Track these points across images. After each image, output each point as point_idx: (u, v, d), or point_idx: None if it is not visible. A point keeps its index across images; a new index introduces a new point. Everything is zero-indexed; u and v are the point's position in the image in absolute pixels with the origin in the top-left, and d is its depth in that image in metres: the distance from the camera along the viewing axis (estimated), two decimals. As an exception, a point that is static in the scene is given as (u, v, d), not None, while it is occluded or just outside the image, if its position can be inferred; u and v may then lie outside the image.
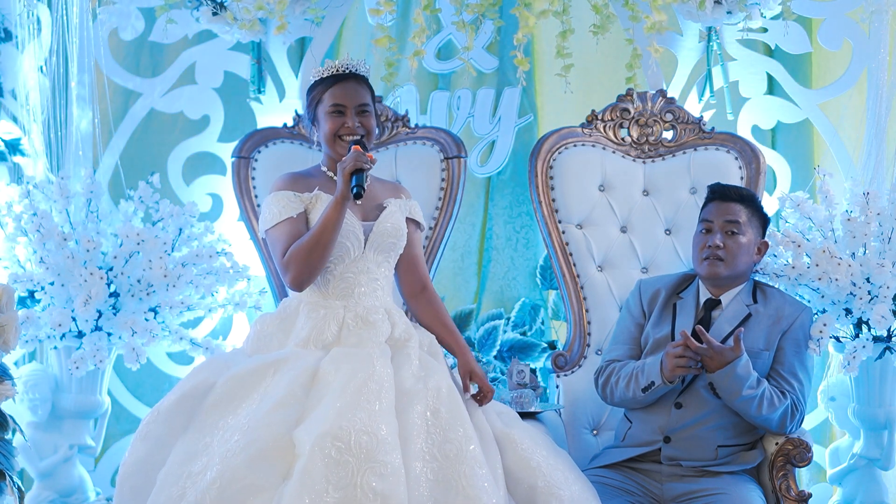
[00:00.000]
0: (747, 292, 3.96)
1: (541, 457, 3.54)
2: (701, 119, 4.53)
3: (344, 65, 3.72)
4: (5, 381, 3.81)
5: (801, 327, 3.93)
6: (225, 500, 3.22)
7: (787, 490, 3.87)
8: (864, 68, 4.75)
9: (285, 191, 3.69)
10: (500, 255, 5.11)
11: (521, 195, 5.04)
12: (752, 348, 3.85)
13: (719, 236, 3.91)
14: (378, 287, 3.70)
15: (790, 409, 3.82)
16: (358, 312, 3.62)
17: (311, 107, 3.74)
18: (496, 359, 4.94)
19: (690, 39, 4.78)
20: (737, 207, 3.94)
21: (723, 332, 3.87)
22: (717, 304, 3.96)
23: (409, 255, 3.80)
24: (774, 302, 3.96)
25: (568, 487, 3.50)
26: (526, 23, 4.30)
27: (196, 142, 4.89)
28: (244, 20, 4.58)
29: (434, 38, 4.94)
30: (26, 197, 4.50)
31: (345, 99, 3.68)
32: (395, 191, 3.85)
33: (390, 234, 3.70)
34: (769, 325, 3.90)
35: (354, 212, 3.67)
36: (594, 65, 5.00)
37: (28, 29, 4.69)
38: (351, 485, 3.19)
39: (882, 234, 4.38)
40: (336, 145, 3.70)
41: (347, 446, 3.22)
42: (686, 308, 3.97)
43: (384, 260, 3.72)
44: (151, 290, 4.44)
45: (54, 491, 4.58)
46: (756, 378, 3.79)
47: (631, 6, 4.49)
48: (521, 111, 4.98)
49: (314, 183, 3.73)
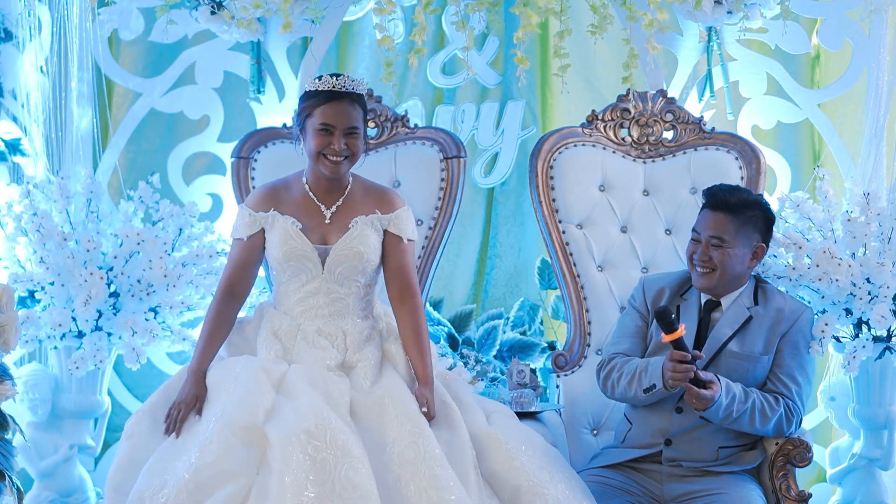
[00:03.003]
0: (748, 294, 3.92)
1: (526, 456, 3.54)
2: (701, 119, 4.53)
3: (340, 84, 3.66)
4: (5, 381, 3.81)
5: (799, 329, 3.89)
6: (201, 485, 3.29)
7: (787, 490, 3.86)
8: (864, 68, 4.75)
9: (247, 208, 3.75)
10: (500, 254, 5.13)
11: (523, 201, 5.08)
12: (751, 352, 3.83)
13: (705, 250, 3.84)
14: (342, 306, 3.71)
15: (784, 416, 3.80)
16: (308, 333, 3.67)
17: (300, 115, 3.71)
18: (496, 359, 4.95)
19: (690, 39, 4.78)
20: (723, 219, 3.82)
21: (723, 335, 3.85)
22: (718, 305, 3.91)
23: (393, 266, 3.76)
24: (775, 304, 3.91)
25: (554, 487, 3.50)
26: (528, 20, 4.30)
27: (196, 142, 4.89)
28: (242, 19, 4.58)
29: (440, 54, 5.05)
30: (26, 197, 4.50)
31: (335, 120, 3.64)
32: (378, 202, 3.77)
33: (348, 258, 3.68)
34: (769, 327, 3.87)
35: (313, 234, 3.69)
36: (601, 69, 5.05)
37: (28, 29, 4.69)
38: (329, 480, 3.26)
39: (882, 235, 4.38)
40: (319, 163, 3.69)
41: (324, 444, 3.31)
42: (689, 310, 3.92)
43: (348, 280, 3.71)
44: (151, 290, 4.44)
45: (54, 491, 4.58)
46: (743, 393, 3.75)
47: (629, 6, 4.49)
48: (523, 123, 5.05)
49: (289, 197, 3.74)
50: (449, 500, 3.32)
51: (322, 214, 3.73)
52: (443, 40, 5.10)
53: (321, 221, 3.72)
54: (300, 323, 3.69)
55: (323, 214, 3.73)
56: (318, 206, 3.73)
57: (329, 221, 3.71)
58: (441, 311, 5.03)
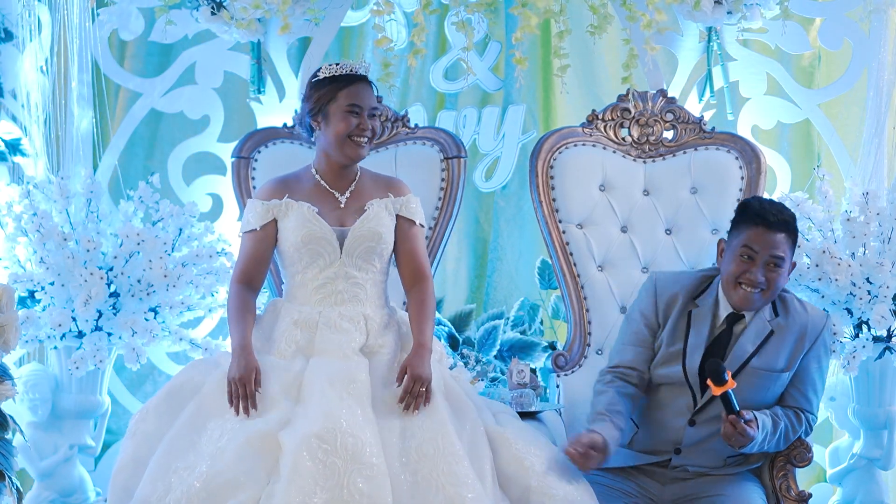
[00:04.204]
0: (769, 306, 3.77)
1: (535, 457, 3.53)
2: (701, 119, 4.53)
3: (358, 65, 3.72)
4: (5, 381, 3.81)
5: (822, 343, 3.78)
6: (210, 493, 3.27)
7: (787, 490, 3.86)
8: (864, 68, 4.75)
9: (257, 199, 3.75)
10: (500, 254, 5.13)
11: (523, 203, 5.08)
12: (772, 368, 3.73)
13: (762, 271, 3.65)
14: (361, 291, 3.71)
15: (804, 431, 3.77)
16: (332, 318, 3.65)
17: (318, 103, 3.71)
18: (496, 358, 4.95)
19: (690, 39, 4.78)
20: (782, 238, 3.65)
21: (745, 351, 3.71)
22: (740, 318, 3.75)
23: (405, 250, 3.79)
24: (796, 316, 3.77)
25: (562, 487, 3.49)
26: (527, 21, 4.30)
27: (196, 142, 4.89)
28: (242, 20, 4.58)
29: (442, 59, 5.08)
30: (26, 197, 4.50)
31: (361, 100, 3.69)
32: (387, 188, 3.81)
33: (367, 238, 3.70)
34: (792, 343, 3.74)
35: (329, 217, 3.69)
36: (602, 73, 5.06)
37: (28, 29, 4.69)
38: (338, 486, 3.25)
39: (882, 234, 4.39)
40: (346, 146, 3.70)
41: (334, 448, 3.29)
42: (701, 320, 3.77)
43: (366, 264, 3.72)
44: (151, 291, 4.44)
45: (54, 491, 4.58)
46: (772, 424, 3.67)
47: (629, 6, 4.49)
48: (524, 128, 5.05)
49: (300, 187, 3.75)
50: (466, 498, 3.31)
51: (337, 200, 3.74)
52: (445, 46, 5.13)
53: (336, 206, 3.73)
54: (321, 310, 3.67)
55: (338, 200, 3.74)
56: (331, 192, 3.75)
57: (344, 206, 3.73)
58: (441, 311, 5.03)
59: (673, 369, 3.75)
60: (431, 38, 5.12)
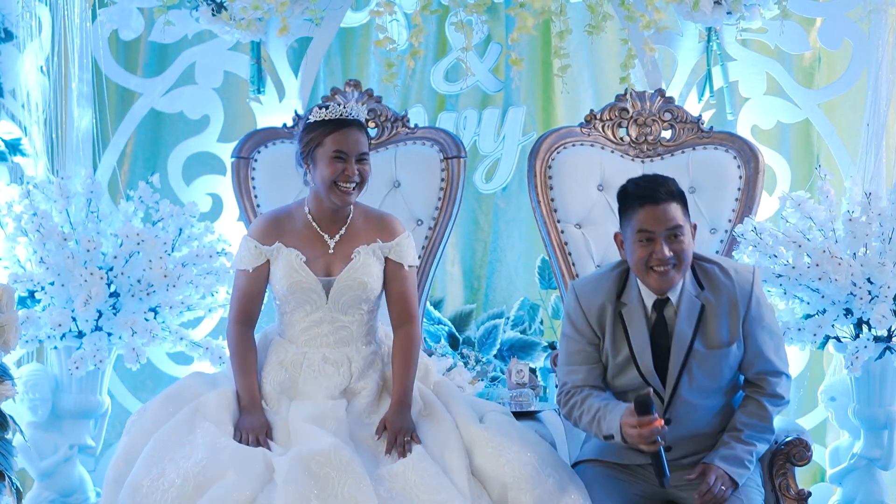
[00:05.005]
0: (691, 280, 3.62)
1: (512, 453, 3.56)
2: (700, 118, 4.53)
3: (348, 111, 3.69)
4: (5, 381, 3.81)
5: (756, 301, 3.64)
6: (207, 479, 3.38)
7: (786, 489, 3.86)
8: (863, 68, 4.75)
9: (252, 239, 3.76)
10: (500, 254, 5.14)
11: (523, 204, 5.08)
12: (718, 345, 3.60)
13: (666, 246, 3.52)
14: (347, 334, 3.75)
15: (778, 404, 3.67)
16: (315, 362, 3.71)
17: (307, 147, 3.70)
18: (496, 358, 4.95)
19: (690, 39, 4.78)
20: (672, 207, 3.52)
21: (686, 335, 3.58)
22: (666, 301, 3.61)
23: (394, 290, 3.79)
24: (721, 286, 3.62)
25: (541, 484, 3.52)
26: (524, 22, 4.30)
27: (196, 142, 4.90)
28: (242, 20, 4.58)
29: (442, 61, 5.10)
30: (26, 197, 4.50)
31: (347, 146, 3.67)
32: (379, 229, 3.79)
33: (353, 288, 3.71)
34: (726, 313, 3.61)
35: (316, 264, 3.71)
36: (603, 76, 5.07)
37: (28, 29, 4.70)
38: (333, 494, 3.34)
39: (883, 235, 4.38)
40: (331, 192, 3.69)
41: (328, 460, 3.39)
42: (634, 316, 3.63)
43: (352, 309, 3.74)
44: (151, 290, 4.44)
45: (54, 491, 4.58)
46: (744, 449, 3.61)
47: (628, 6, 4.49)
48: (524, 130, 5.07)
49: (292, 228, 3.76)
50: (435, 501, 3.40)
51: (326, 244, 3.75)
52: (445, 48, 5.14)
53: (325, 251, 3.74)
54: (306, 351, 3.73)
55: (327, 244, 3.75)
56: (321, 235, 3.76)
57: (333, 252, 3.74)
58: (441, 311, 5.04)
59: (629, 376, 3.66)
60: (432, 39, 5.13)
